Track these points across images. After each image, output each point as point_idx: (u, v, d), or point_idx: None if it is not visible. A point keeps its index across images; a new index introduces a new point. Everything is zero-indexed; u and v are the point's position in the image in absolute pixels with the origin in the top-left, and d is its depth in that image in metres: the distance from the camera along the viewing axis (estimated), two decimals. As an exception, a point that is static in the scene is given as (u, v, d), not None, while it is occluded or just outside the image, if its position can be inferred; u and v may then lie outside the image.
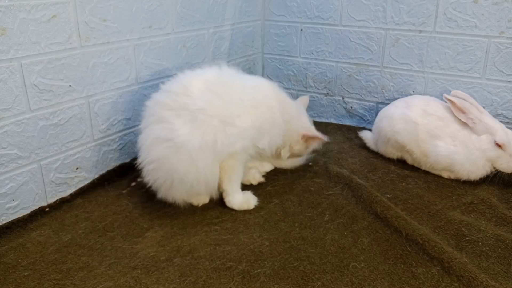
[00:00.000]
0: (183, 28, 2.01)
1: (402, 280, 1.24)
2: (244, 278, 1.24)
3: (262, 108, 1.60)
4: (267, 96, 1.65)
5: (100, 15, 1.63)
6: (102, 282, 1.22)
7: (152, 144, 1.46)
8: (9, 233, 1.45)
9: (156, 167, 1.46)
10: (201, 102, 1.48)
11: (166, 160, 1.44)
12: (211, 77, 1.57)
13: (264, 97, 1.64)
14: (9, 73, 1.40)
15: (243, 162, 1.61)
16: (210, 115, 1.47)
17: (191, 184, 1.47)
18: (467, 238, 1.43)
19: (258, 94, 1.63)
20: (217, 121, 1.47)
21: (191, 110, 1.46)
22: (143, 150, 1.50)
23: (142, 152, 1.50)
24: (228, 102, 1.52)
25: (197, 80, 1.54)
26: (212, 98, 1.50)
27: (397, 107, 1.94)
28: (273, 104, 1.65)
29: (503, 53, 1.95)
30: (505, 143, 1.68)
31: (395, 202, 1.63)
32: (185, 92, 1.50)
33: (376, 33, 2.22)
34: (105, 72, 1.70)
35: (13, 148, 1.46)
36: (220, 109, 1.49)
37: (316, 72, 2.45)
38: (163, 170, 1.46)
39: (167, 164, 1.44)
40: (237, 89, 1.58)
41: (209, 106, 1.48)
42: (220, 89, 1.53)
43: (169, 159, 1.44)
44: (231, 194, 1.59)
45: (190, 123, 1.45)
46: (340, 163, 1.96)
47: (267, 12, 2.50)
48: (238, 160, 1.57)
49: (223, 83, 1.57)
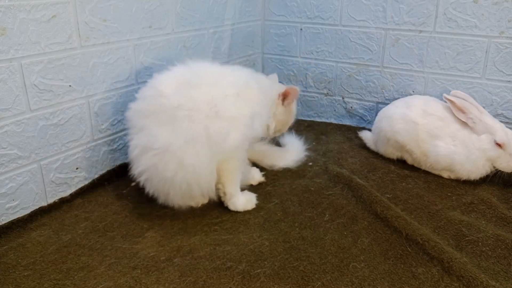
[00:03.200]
0: (183, 28, 2.01)
1: (402, 280, 1.24)
2: (244, 278, 1.24)
3: (246, 93, 1.54)
4: (247, 80, 1.60)
5: (100, 15, 1.63)
6: (102, 282, 1.22)
7: (139, 155, 1.46)
8: (9, 233, 1.45)
9: (148, 177, 1.46)
10: (176, 98, 1.43)
11: (154, 168, 1.43)
12: (183, 72, 1.53)
13: (244, 81, 1.58)
14: (9, 73, 1.40)
15: (242, 160, 1.58)
16: (190, 109, 1.42)
17: (182, 187, 1.44)
18: (467, 238, 1.43)
19: (238, 79, 1.57)
20: (201, 114, 1.42)
21: (168, 110, 1.42)
22: (132, 162, 1.50)
23: (132, 164, 1.50)
24: (208, 93, 1.46)
25: (169, 79, 1.50)
26: (188, 92, 1.45)
27: (397, 107, 1.94)
28: (254, 85, 1.60)
29: (503, 53, 1.95)
30: (505, 142, 1.69)
31: (395, 202, 1.63)
32: (158, 93, 1.46)
33: (376, 33, 2.22)
34: (105, 72, 1.70)
35: (13, 148, 1.46)
36: (201, 101, 1.44)
37: (316, 72, 2.46)
38: (154, 179, 1.45)
39: (156, 172, 1.43)
40: (215, 78, 1.53)
41: (187, 101, 1.43)
42: (196, 82, 1.48)
43: (157, 167, 1.42)
44: (234, 196, 1.57)
45: (170, 124, 1.41)
46: (340, 163, 1.96)
47: (267, 12, 2.50)
48: (237, 159, 1.55)
49: (197, 75, 1.51)
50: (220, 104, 1.46)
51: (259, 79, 1.70)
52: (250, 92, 1.57)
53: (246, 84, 1.57)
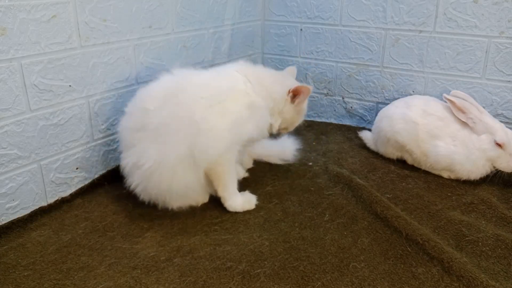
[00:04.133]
0: (183, 28, 2.01)
1: (402, 280, 1.24)
2: (244, 278, 1.24)
3: (231, 99, 1.50)
4: (233, 83, 1.55)
5: (100, 15, 1.63)
6: (102, 282, 1.22)
7: (131, 170, 1.48)
8: (9, 233, 1.45)
9: (143, 188, 1.48)
10: (160, 116, 1.43)
11: (148, 182, 1.45)
12: (165, 87, 1.51)
13: (229, 86, 1.54)
14: (9, 73, 1.40)
15: (233, 161, 1.55)
16: (174, 128, 1.42)
17: (179, 192, 1.48)
18: (467, 238, 1.43)
19: (222, 85, 1.53)
20: (185, 132, 1.42)
21: (153, 128, 1.43)
22: (126, 176, 1.52)
23: (127, 178, 1.52)
24: (190, 107, 1.45)
25: (152, 93, 1.50)
26: (170, 109, 1.44)
27: (397, 107, 1.94)
28: (242, 87, 1.55)
29: (503, 53, 1.95)
30: (505, 142, 1.69)
31: (395, 202, 1.63)
32: (143, 111, 1.47)
33: (376, 33, 2.22)
34: (105, 72, 1.70)
35: (13, 148, 1.46)
36: (183, 118, 1.43)
37: (316, 72, 2.46)
38: (150, 191, 1.48)
39: (151, 185, 1.46)
40: (197, 89, 1.49)
41: (170, 118, 1.43)
42: (178, 96, 1.46)
43: (151, 181, 1.45)
44: (230, 198, 1.57)
45: (157, 141, 1.42)
46: (340, 163, 1.96)
47: (267, 12, 2.50)
48: (226, 162, 1.51)
49: (179, 88, 1.49)
50: (202, 118, 1.44)
51: (259, 76, 1.62)
52: (235, 97, 1.52)
53: (229, 90, 1.53)
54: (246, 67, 1.65)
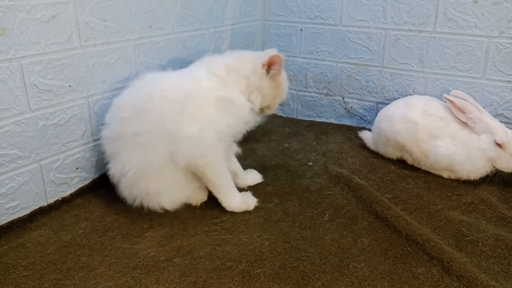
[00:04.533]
0: (183, 28, 2.01)
1: (402, 280, 1.24)
2: (244, 278, 1.24)
3: (198, 99, 1.46)
4: (196, 83, 1.50)
5: (100, 15, 1.63)
6: (102, 282, 1.22)
7: (119, 180, 1.51)
8: (9, 233, 1.45)
9: (132, 194, 1.50)
10: (134, 125, 1.43)
11: (135, 187, 1.48)
12: (135, 95, 1.50)
13: (194, 87, 1.49)
14: (9, 73, 1.40)
15: (220, 160, 1.50)
16: (150, 137, 1.42)
17: (173, 194, 1.51)
18: (467, 238, 1.43)
19: (187, 87, 1.49)
20: (161, 140, 1.42)
21: (130, 137, 1.44)
22: (117, 186, 1.54)
23: (118, 187, 1.54)
24: (160, 115, 1.43)
25: (124, 104, 1.49)
26: (143, 118, 1.43)
27: (397, 107, 1.94)
28: (207, 84, 1.50)
29: (503, 53, 1.95)
30: (505, 142, 1.69)
31: (395, 202, 1.63)
32: (118, 121, 1.48)
33: (376, 33, 2.22)
34: (105, 72, 1.70)
35: (13, 148, 1.46)
36: (156, 127, 1.42)
37: (316, 72, 2.46)
38: (139, 195, 1.50)
39: (139, 189, 1.48)
40: (164, 94, 1.47)
41: (144, 127, 1.42)
42: (147, 104, 1.45)
43: (138, 186, 1.47)
44: (226, 199, 1.55)
45: (136, 150, 1.43)
46: (340, 163, 1.96)
47: (267, 12, 2.51)
48: (213, 162, 1.49)
49: (147, 95, 1.47)
50: (176, 125, 1.42)
51: (225, 63, 1.56)
52: (201, 97, 1.47)
53: (194, 91, 1.48)
54: (210, 60, 1.60)
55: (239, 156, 2.00)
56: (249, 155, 2.04)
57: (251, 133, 2.28)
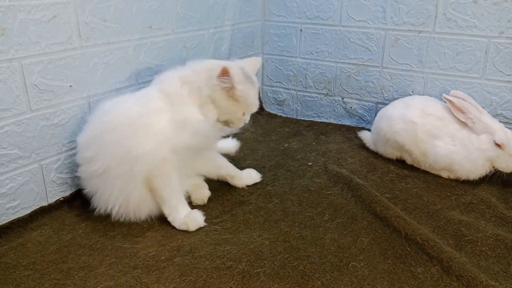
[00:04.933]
0: (183, 28, 2.01)
1: (401, 280, 1.24)
2: (244, 277, 1.24)
3: (153, 122, 1.43)
4: (153, 105, 1.46)
5: (101, 16, 1.64)
6: (102, 282, 1.23)
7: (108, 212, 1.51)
8: (9, 233, 1.45)
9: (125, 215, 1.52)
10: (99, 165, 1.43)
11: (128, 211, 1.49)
12: (93, 129, 1.48)
13: (149, 109, 1.45)
14: (10, 73, 1.41)
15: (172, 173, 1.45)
16: (119, 169, 1.40)
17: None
18: (467, 237, 1.43)
19: (142, 111, 1.44)
20: (122, 167, 1.40)
21: (100, 176, 1.43)
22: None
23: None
24: (119, 144, 1.41)
25: (85, 142, 1.48)
26: (105, 152, 1.42)
27: (396, 107, 1.95)
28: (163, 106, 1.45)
29: (502, 53, 1.95)
30: (504, 142, 1.69)
31: (394, 202, 1.63)
32: (84, 161, 1.49)
33: (376, 33, 2.22)
34: (105, 72, 1.70)
35: (14, 148, 1.46)
36: (121, 155, 1.40)
37: (315, 73, 2.46)
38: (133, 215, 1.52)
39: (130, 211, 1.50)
40: (120, 123, 1.43)
41: (109, 162, 1.41)
42: (106, 136, 1.43)
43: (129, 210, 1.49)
44: (170, 213, 1.48)
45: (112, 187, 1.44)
46: (340, 163, 1.96)
47: (267, 13, 2.51)
48: (164, 176, 1.44)
49: (103, 127, 1.45)
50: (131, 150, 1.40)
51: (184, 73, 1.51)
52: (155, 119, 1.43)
53: (148, 114, 1.44)
54: (166, 76, 1.53)
55: (239, 156, 2.01)
56: (249, 155, 2.04)
57: (251, 133, 2.29)
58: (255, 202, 1.64)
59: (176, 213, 1.47)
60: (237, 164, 1.92)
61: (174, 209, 1.48)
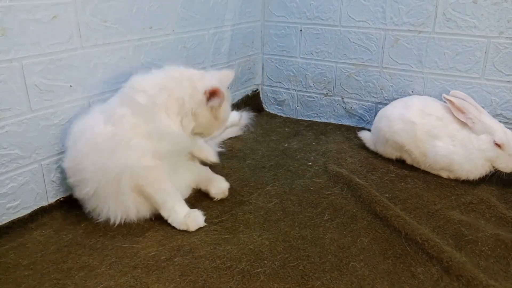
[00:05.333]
0: (184, 29, 2.02)
1: (401, 280, 1.24)
2: (244, 277, 1.24)
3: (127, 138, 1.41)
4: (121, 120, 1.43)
5: (101, 16, 1.64)
6: (102, 282, 1.23)
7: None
8: (10, 232, 1.45)
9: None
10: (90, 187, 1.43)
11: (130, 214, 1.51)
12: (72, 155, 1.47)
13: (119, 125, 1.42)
14: (10, 74, 1.41)
15: (162, 178, 1.45)
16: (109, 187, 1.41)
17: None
18: (466, 237, 1.43)
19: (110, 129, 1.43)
20: (110, 186, 1.41)
21: (95, 196, 1.45)
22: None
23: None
24: (99, 162, 1.40)
25: (69, 168, 1.49)
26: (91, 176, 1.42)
27: (395, 108, 1.95)
28: (137, 121, 1.42)
29: (502, 53, 1.96)
30: (504, 143, 1.69)
31: (394, 201, 1.63)
32: (76, 184, 1.49)
33: (376, 33, 2.22)
34: (106, 72, 1.70)
35: (14, 148, 1.46)
36: (99, 175, 1.40)
37: (315, 73, 2.46)
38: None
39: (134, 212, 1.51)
40: (98, 140, 1.42)
41: (98, 184, 1.42)
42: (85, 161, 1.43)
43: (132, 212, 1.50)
44: (170, 215, 1.48)
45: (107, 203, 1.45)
46: (340, 163, 1.96)
47: (267, 13, 2.51)
48: (154, 182, 1.44)
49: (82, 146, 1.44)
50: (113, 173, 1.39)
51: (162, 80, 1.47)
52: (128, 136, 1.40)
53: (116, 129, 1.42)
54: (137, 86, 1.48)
55: (239, 156, 2.01)
56: (249, 155, 2.04)
57: (251, 133, 2.29)
58: (255, 202, 1.64)
59: (175, 215, 1.47)
60: (237, 163, 1.93)
61: (172, 211, 1.47)
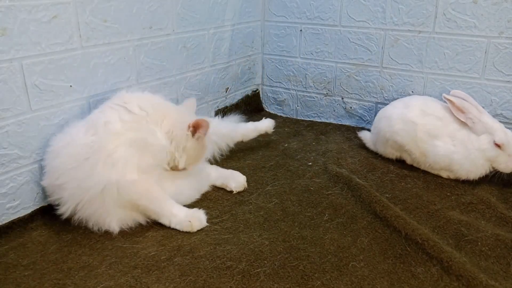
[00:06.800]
0: (184, 28, 2.02)
1: (401, 280, 1.24)
2: (244, 277, 1.24)
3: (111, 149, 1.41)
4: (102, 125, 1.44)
5: (101, 16, 1.64)
6: (102, 282, 1.23)
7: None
8: (9, 232, 1.45)
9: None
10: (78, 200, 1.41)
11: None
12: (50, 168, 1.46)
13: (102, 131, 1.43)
14: (10, 73, 1.41)
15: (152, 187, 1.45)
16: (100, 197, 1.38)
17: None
18: (466, 237, 1.43)
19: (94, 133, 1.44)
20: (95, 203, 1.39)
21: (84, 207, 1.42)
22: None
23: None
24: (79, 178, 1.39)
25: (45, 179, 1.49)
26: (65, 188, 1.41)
27: (395, 107, 1.95)
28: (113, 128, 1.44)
29: (502, 53, 1.96)
30: (504, 143, 1.69)
31: (394, 201, 1.63)
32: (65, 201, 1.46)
33: (376, 33, 2.22)
34: (106, 72, 1.70)
35: (14, 148, 1.46)
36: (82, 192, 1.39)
37: (315, 73, 2.46)
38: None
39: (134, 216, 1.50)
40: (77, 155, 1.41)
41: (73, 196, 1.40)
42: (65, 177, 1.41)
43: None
44: (171, 220, 1.47)
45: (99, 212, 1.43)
46: (340, 163, 1.96)
47: (267, 13, 2.51)
48: (146, 193, 1.44)
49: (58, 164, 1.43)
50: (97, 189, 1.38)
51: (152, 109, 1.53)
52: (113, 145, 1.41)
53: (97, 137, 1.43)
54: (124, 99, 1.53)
55: (239, 156, 2.01)
56: (249, 155, 2.04)
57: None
58: (255, 202, 1.64)
59: (175, 218, 1.47)
60: (237, 163, 1.93)
61: (172, 216, 1.47)
